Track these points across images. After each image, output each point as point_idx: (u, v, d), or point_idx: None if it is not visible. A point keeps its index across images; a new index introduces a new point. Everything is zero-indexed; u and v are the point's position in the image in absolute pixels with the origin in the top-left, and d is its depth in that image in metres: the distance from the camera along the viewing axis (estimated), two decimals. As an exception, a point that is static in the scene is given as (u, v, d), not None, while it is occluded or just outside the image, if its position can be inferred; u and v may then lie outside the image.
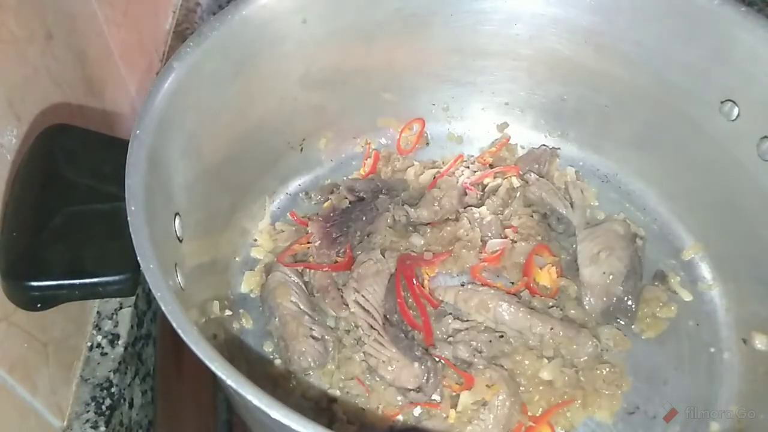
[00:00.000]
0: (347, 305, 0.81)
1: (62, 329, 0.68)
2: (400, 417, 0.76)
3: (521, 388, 0.77)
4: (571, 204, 0.91)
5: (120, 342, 0.73)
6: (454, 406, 0.75)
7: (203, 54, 0.71)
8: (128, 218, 0.57)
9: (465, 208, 0.92)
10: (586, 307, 0.83)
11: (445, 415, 0.75)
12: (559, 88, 0.93)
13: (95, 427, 0.67)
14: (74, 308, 0.70)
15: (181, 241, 0.69)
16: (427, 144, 1.00)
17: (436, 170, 0.96)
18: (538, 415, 0.76)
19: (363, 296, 0.80)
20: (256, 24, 0.76)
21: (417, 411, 0.77)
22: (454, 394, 0.76)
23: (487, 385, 0.75)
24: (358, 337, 0.79)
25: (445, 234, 0.89)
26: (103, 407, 0.68)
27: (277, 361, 0.80)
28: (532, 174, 0.93)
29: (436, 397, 0.76)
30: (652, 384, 0.80)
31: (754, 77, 0.74)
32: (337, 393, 0.78)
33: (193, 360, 0.51)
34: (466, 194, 0.93)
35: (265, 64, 0.79)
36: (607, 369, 0.78)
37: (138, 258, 0.56)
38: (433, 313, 0.83)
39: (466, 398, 0.75)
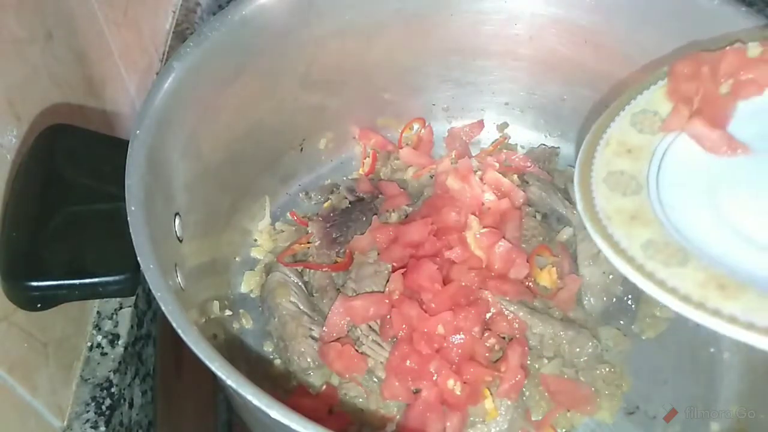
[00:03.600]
0: (346, 305, 0.81)
1: (62, 329, 0.68)
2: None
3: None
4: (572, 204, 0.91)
5: (120, 342, 0.73)
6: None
7: (203, 54, 0.71)
8: (128, 218, 0.57)
9: (465, 208, 0.91)
10: (586, 307, 0.83)
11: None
12: (559, 88, 0.93)
13: (95, 427, 0.67)
14: (74, 308, 0.70)
15: (181, 241, 0.69)
16: (427, 144, 1.00)
17: (436, 170, 0.96)
18: (540, 416, 0.76)
19: (362, 296, 0.80)
20: (256, 24, 0.76)
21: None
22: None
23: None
24: (356, 338, 0.79)
25: (444, 234, 0.89)
26: (103, 407, 0.68)
27: (277, 361, 0.80)
28: (532, 174, 0.93)
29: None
30: (652, 384, 0.80)
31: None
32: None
33: (193, 360, 0.51)
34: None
35: (265, 64, 0.79)
36: (607, 369, 0.78)
37: (138, 258, 0.56)
38: (432, 313, 0.83)
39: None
